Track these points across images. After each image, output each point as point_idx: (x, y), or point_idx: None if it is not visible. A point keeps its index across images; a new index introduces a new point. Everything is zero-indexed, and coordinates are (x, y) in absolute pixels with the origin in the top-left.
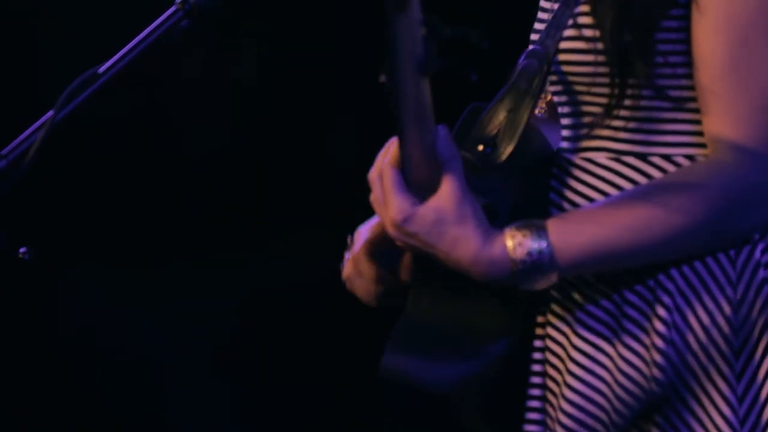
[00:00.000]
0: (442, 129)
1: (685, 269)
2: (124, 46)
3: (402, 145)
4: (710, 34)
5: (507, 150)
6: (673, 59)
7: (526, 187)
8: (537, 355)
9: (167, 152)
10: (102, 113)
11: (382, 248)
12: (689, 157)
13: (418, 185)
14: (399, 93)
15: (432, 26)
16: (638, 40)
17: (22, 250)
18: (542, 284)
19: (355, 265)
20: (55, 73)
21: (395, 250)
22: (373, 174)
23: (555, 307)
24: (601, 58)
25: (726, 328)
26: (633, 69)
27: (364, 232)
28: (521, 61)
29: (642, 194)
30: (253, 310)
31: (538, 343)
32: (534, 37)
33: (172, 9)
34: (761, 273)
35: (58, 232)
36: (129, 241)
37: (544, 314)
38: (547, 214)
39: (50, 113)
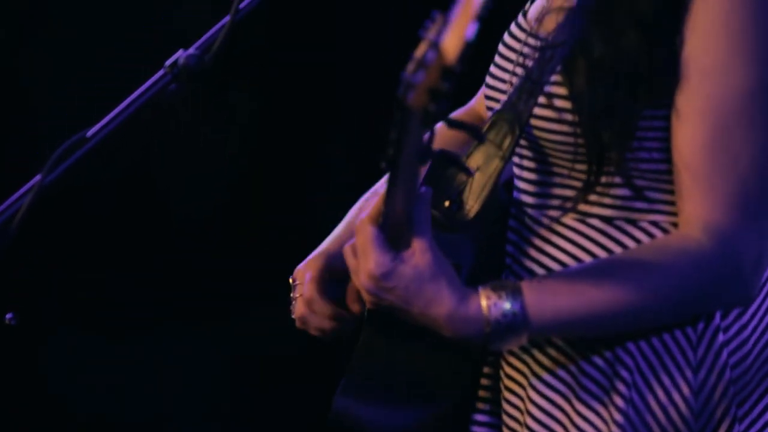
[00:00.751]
0: (426, 193)
1: (644, 345)
2: (113, 109)
3: (387, 203)
4: (691, 119)
5: (473, 210)
6: (649, 144)
7: (488, 242)
8: (485, 408)
9: (156, 213)
10: (89, 174)
11: (327, 284)
12: (655, 224)
13: (391, 242)
14: (396, 170)
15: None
16: (617, 129)
17: (8, 315)
18: (512, 345)
19: (307, 305)
20: (47, 135)
21: (340, 282)
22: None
23: (512, 370)
24: (577, 130)
25: (685, 410)
26: (608, 161)
27: (307, 271)
28: (491, 115)
29: (615, 268)
30: (242, 370)
31: (485, 402)
32: (495, 79)
33: (161, 72)
34: (724, 355)
35: (45, 296)
36: (117, 305)
37: (498, 371)
38: (504, 268)
39: (38, 177)
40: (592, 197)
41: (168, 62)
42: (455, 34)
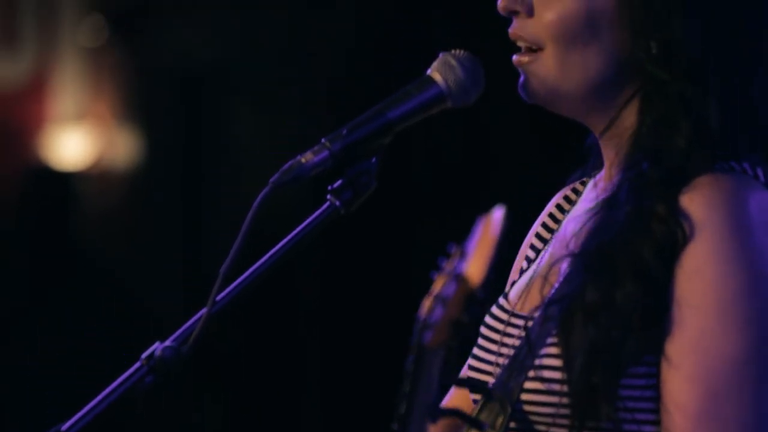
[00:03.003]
0: None
1: None
2: (89, 402)
3: None
4: (683, 383)
5: None
6: (636, 404)
7: None
8: None
9: None
10: None
11: None
12: None
13: None
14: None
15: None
16: (605, 385)
17: None
18: None
19: None
20: None
21: None
22: None
23: None
24: (564, 400)
25: None
26: (597, 412)
27: None
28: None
29: None
30: None
31: None
32: (479, 360)
33: (137, 365)
34: None
35: None
36: None
37: None
38: None
39: None
40: None
41: (144, 354)
42: (477, 260)
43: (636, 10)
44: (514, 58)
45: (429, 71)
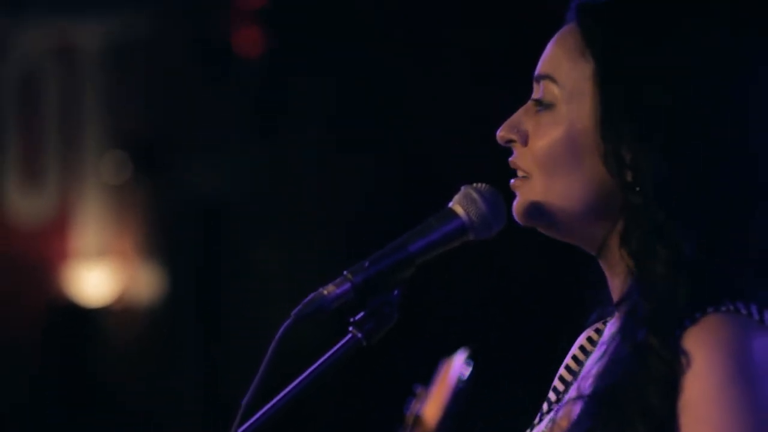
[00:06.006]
0: None
1: None
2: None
3: None
4: None
5: None
6: None
7: None
8: None
9: None
10: None
11: None
12: None
13: None
14: None
15: None
16: None
17: None
18: None
19: None
20: None
21: None
22: None
23: None
24: None
25: None
26: None
27: None
28: None
29: None
30: None
31: None
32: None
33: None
34: None
35: None
36: None
37: None
38: None
39: None
40: None
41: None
42: (434, 403)
43: (607, 140)
44: (511, 182)
45: (450, 204)
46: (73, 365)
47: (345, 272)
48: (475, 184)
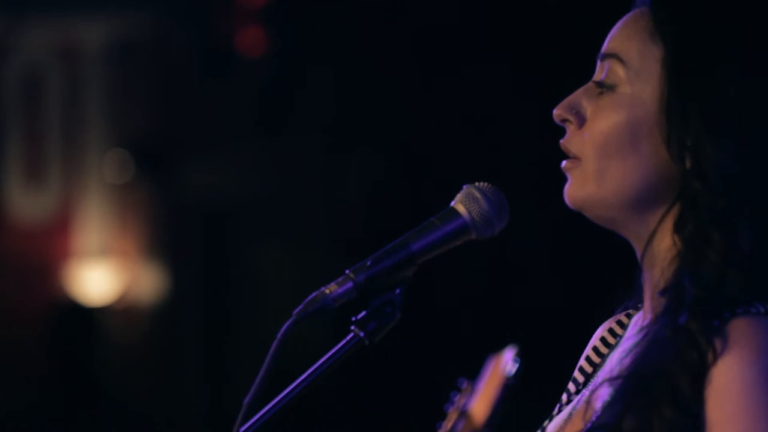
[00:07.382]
0: None
1: None
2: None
3: None
4: None
5: None
6: None
7: None
8: None
9: None
10: None
11: None
12: None
13: None
14: None
15: None
16: None
17: None
18: None
19: None
20: None
21: None
22: None
23: None
24: None
25: None
26: None
27: None
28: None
29: None
30: None
31: None
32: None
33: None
34: None
35: None
36: None
37: None
38: None
39: None
40: None
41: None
42: (483, 399)
43: (672, 124)
44: (562, 164)
45: (453, 203)
46: (75, 364)
47: (347, 271)
48: (477, 183)
